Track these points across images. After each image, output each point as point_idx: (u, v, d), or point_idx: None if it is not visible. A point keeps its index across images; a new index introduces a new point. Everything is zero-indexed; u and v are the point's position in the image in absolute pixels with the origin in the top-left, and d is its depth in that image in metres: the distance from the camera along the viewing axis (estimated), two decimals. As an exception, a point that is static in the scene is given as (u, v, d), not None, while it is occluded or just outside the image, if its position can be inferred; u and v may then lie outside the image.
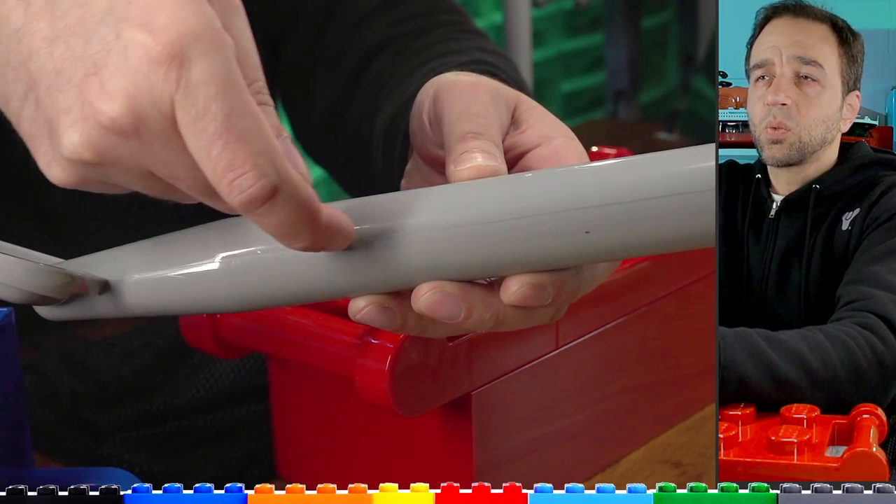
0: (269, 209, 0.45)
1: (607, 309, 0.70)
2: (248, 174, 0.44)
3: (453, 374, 0.61)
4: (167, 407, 0.73)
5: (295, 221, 0.46)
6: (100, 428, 0.72)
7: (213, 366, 0.74)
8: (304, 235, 0.47)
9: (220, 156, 0.44)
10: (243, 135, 0.44)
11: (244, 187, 0.44)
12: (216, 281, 0.51)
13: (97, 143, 0.45)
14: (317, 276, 0.51)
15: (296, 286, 0.52)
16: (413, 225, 0.50)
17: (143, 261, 0.52)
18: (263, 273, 0.51)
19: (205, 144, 0.44)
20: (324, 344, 0.62)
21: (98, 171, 0.47)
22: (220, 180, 0.44)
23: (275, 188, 0.45)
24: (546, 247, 0.50)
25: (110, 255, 0.54)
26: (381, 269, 0.51)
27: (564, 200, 0.50)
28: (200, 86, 0.44)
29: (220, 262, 0.51)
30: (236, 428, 0.73)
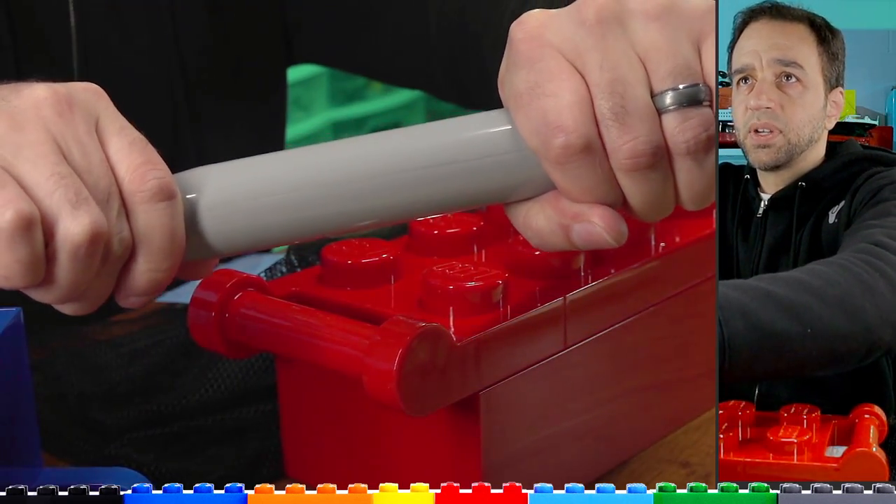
0: (169, 208, 0.54)
1: (616, 308, 0.70)
2: (157, 168, 0.54)
3: (461, 373, 0.61)
4: (175, 407, 0.73)
5: (175, 235, 0.55)
6: (108, 427, 0.72)
7: (222, 365, 0.74)
8: (173, 262, 0.55)
9: (140, 154, 0.55)
10: (152, 150, 0.55)
11: (157, 176, 0.54)
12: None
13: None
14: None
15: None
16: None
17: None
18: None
19: (125, 146, 0.55)
20: (332, 344, 0.62)
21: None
22: (136, 172, 0.54)
23: (174, 189, 0.55)
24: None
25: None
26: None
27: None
28: (120, 116, 0.56)
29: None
30: (244, 428, 0.73)
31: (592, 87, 0.54)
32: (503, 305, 0.64)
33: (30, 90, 0.55)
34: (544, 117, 0.54)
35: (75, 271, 0.52)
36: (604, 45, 0.55)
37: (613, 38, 0.55)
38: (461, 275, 0.65)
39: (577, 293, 0.66)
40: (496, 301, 0.64)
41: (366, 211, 0.58)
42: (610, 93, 0.54)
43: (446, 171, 0.57)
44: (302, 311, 0.65)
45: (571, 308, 0.66)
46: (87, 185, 0.53)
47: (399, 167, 0.57)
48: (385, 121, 2.77)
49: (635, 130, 0.54)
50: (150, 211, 0.54)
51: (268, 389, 0.73)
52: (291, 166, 0.58)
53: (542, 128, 0.54)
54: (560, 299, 0.65)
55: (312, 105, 2.68)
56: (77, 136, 0.54)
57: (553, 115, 0.54)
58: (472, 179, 0.57)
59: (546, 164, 0.56)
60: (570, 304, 0.66)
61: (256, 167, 0.58)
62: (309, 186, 0.57)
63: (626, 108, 0.54)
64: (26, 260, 0.51)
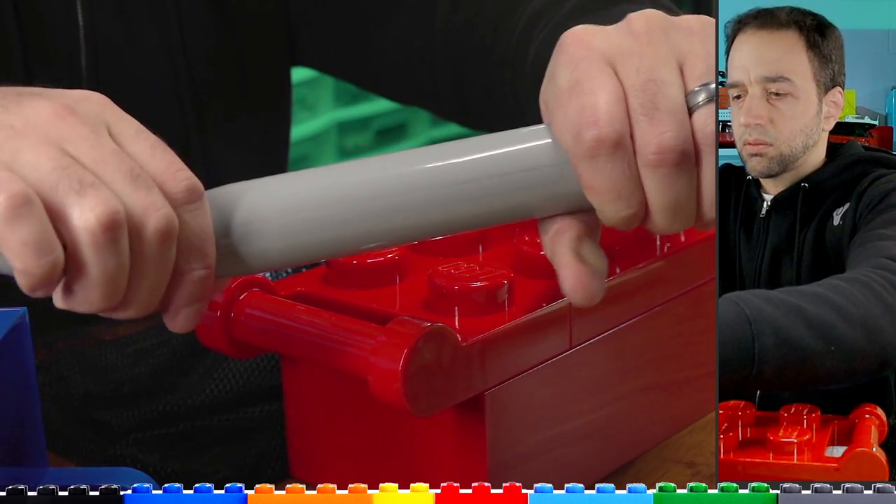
0: (201, 208, 0.54)
1: (621, 309, 0.70)
2: (186, 170, 0.54)
3: (467, 373, 0.61)
4: (181, 407, 0.73)
5: (209, 234, 0.54)
6: (113, 428, 0.72)
7: (227, 365, 0.74)
8: (211, 262, 0.55)
9: (163, 158, 0.54)
10: (165, 146, 0.55)
11: (185, 177, 0.54)
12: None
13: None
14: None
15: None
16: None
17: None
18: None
19: (147, 151, 0.54)
20: (337, 344, 0.62)
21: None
22: (165, 173, 0.54)
23: (202, 187, 0.54)
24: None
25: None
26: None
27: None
28: (132, 119, 0.55)
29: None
30: (250, 428, 0.73)
31: (628, 87, 0.56)
32: (508, 305, 0.64)
33: (30, 100, 0.54)
34: (580, 112, 0.56)
35: (102, 261, 0.51)
36: (645, 50, 0.56)
37: (656, 46, 0.57)
38: (466, 275, 0.65)
39: (583, 293, 0.66)
40: (501, 301, 0.64)
41: (412, 227, 0.57)
42: (643, 91, 0.55)
43: (484, 185, 0.57)
44: (307, 311, 0.65)
45: (577, 308, 0.66)
46: (104, 173, 0.52)
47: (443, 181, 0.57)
48: (390, 121, 2.77)
49: (664, 125, 0.55)
50: (185, 213, 0.53)
51: (273, 389, 0.73)
52: (328, 182, 0.57)
53: (576, 122, 0.56)
54: (565, 299, 0.65)
55: (317, 105, 2.68)
56: (82, 134, 0.53)
57: (589, 110, 0.55)
58: (509, 193, 0.57)
59: (576, 160, 0.56)
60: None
61: (295, 182, 0.57)
62: (346, 201, 0.56)
63: (657, 104, 0.55)
64: (30, 239, 0.50)
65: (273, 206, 0.56)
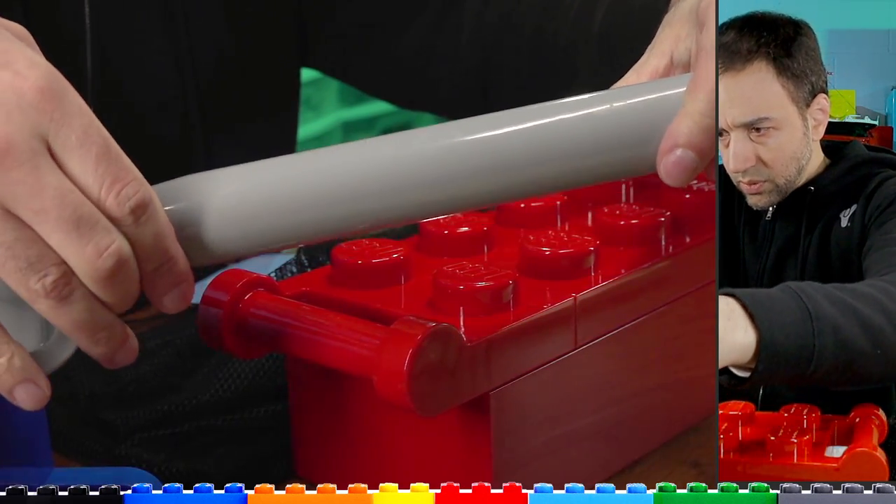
0: (150, 216, 0.52)
1: (626, 308, 0.70)
2: (131, 183, 0.51)
3: (472, 374, 0.61)
4: (186, 407, 0.73)
5: (165, 234, 0.53)
6: (118, 428, 0.72)
7: (232, 365, 0.74)
8: (175, 252, 0.54)
9: (107, 172, 0.51)
10: (117, 153, 0.51)
11: (131, 194, 0.51)
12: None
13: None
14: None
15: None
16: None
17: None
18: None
19: (91, 165, 0.50)
20: (342, 344, 0.62)
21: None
22: (109, 192, 0.51)
23: (149, 196, 0.52)
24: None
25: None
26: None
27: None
28: (75, 116, 0.50)
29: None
30: (255, 428, 0.73)
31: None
32: (513, 305, 0.64)
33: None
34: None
35: (65, 320, 0.53)
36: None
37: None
38: (471, 275, 0.65)
39: (588, 293, 0.66)
40: (506, 301, 0.64)
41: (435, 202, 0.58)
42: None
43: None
44: (312, 311, 0.65)
45: (582, 308, 0.66)
46: (44, 228, 0.50)
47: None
48: (395, 121, 2.77)
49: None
50: (136, 227, 0.53)
51: (278, 389, 0.73)
52: (310, 167, 0.57)
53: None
54: (570, 299, 0.65)
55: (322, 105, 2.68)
56: (18, 179, 0.50)
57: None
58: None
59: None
60: (580, 304, 0.66)
61: (255, 169, 0.57)
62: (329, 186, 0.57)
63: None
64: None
65: (227, 193, 0.56)
